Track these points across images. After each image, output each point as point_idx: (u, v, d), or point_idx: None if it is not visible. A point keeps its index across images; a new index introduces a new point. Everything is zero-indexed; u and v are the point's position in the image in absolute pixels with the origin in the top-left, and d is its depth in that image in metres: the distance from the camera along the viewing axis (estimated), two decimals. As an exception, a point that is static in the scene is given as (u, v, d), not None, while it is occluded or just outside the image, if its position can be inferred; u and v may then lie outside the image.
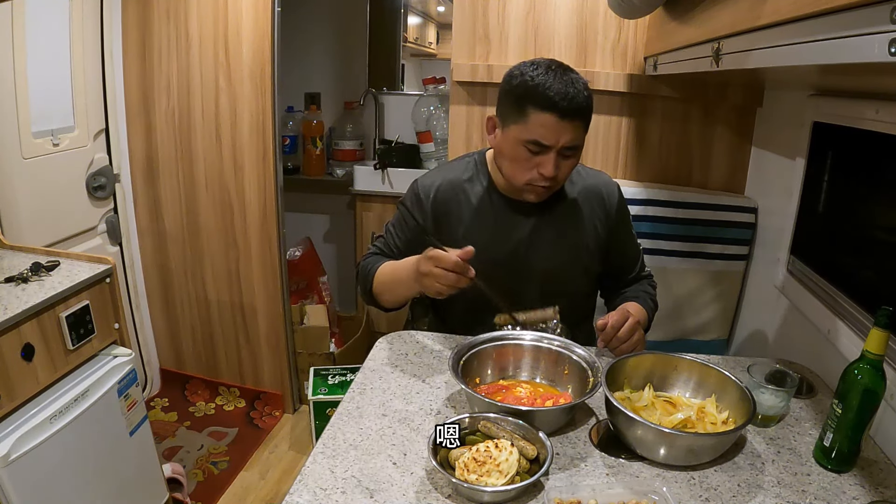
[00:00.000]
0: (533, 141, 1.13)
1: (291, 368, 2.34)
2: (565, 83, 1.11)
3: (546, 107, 1.10)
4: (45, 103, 1.79)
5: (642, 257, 1.45)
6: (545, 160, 1.14)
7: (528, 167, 1.17)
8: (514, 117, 1.15)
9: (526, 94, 1.12)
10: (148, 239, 2.30)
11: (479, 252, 1.24)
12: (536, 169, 1.16)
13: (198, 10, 2.01)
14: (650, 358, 1.06)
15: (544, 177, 1.16)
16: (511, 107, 1.15)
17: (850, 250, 1.32)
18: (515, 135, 1.15)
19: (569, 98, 1.10)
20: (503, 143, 1.20)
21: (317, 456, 0.88)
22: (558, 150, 1.14)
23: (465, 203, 1.29)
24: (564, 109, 1.10)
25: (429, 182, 1.31)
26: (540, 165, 1.15)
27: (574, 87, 1.11)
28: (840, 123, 1.24)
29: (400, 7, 2.86)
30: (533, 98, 1.11)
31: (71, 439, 1.29)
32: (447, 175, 1.32)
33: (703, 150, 1.90)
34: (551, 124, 1.11)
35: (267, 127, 2.05)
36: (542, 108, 1.11)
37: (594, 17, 1.83)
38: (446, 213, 1.29)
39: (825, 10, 0.65)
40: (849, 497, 0.84)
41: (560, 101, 1.09)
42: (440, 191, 1.29)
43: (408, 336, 1.28)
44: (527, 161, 1.16)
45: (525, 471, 0.82)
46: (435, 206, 1.29)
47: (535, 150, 1.14)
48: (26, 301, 1.24)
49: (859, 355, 0.86)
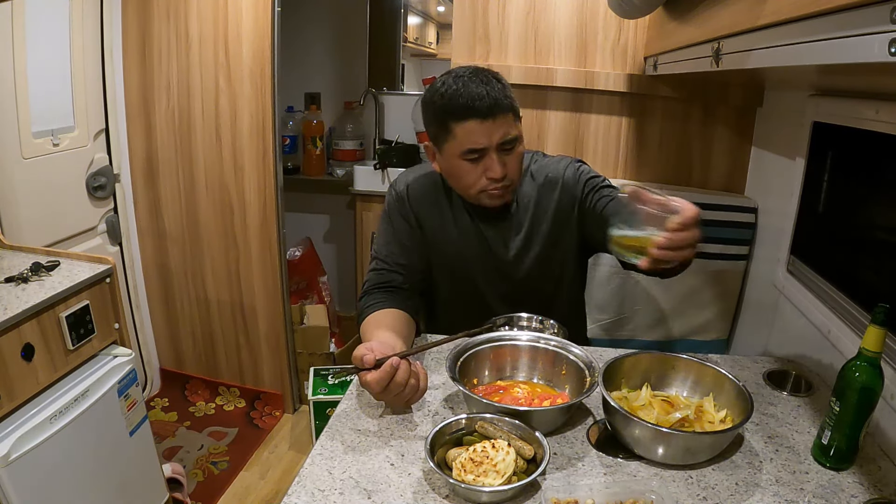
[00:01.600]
0: (467, 150, 1.14)
1: (291, 368, 2.34)
2: (475, 84, 1.12)
3: (464, 115, 1.12)
4: (45, 103, 1.80)
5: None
6: (489, 163, 1.16)
7: (476, 177, 1.18)
8: (443, 136, 1.17)
9: (443, 110, 1.14)
10: (148, 239, 2.30)
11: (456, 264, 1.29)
12: (484, 175, 1.17)
13: (198, 10, 2.01)
14: (648, 357, 1.06)
15: (494, 179, 1.17)
16: (437, 128, 1.17)
17: (850, 250, 1.32)
18: (451, 152, 1.17)
19: (481, 98, 1.11)
20: (445, 165, 1.22)
21: (315, 457, 0.88)
22: (496, 149, 1.15)
23: (439, 209, 1.30)
24: (481, 110, 1.11)
25: (401, 187, 1.32)
26: (487, 170, 1.16)
27: (485, 85, 1.12)
28: (840, 123, 1.23)
29: (400, 7, 2.86)
30: (450, 112, 1.13)
31: (71, 439, 1.29)
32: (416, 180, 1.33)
33: (703, 150, 1.90)
34: (476, 129, 1.12)
35: (267, 127, 2.06)
36: (461, 117, 1.12)
37: (594, 17, 1.83)
38: (424, 216, 1.30)
39: (825, 10, 0.65)
40: (847, 495, 0.84)
41: (474, 104, 1.11)
42: (412, 194, 1.30)
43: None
44: (472, 171, 1.17)
45: (522, 471, 0.82)
46: (412, 203, 1.30)
47: (475, 158, 1.15)
48: (26, 301, 1.24)
49: (857, 353, 0.86)
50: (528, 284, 1.30)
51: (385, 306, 1.20)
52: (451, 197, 1.30)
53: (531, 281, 1.30)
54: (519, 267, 1.29)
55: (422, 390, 0.99)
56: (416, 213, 1.30)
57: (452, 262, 1.30)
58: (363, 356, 0.93)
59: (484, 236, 1.29)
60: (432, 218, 1.30)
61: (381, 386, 0.92)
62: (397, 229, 1.30)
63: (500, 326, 1.25)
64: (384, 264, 1.28)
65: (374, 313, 1.19)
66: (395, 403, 0.99)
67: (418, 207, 1.30)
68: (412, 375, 0.96)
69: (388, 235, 1.31)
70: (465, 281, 1.31)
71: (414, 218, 1.30)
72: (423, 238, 1.30)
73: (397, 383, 0.93)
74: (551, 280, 1.33)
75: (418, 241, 1.30)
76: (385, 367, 0.92)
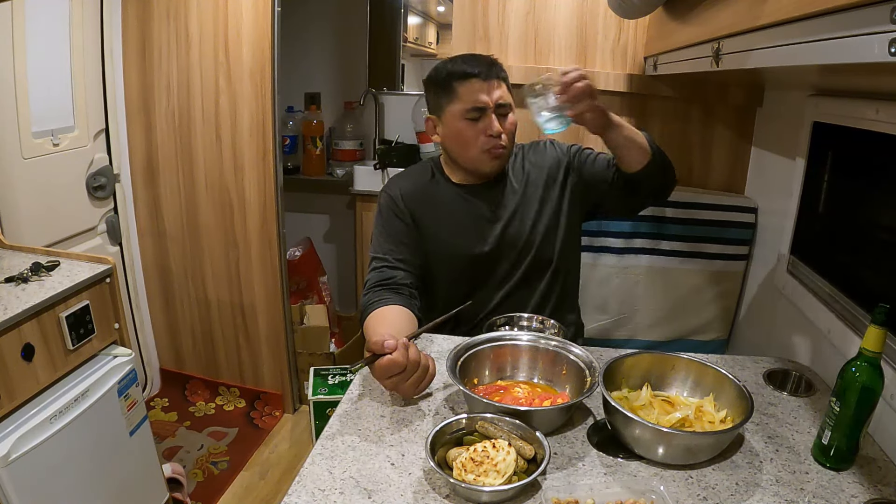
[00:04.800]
0: (471, 108, 1.27)
1: (291, 368, 2.34)
2: (474, 56, 1.30)
3: (467, 75, 1.26)
4: (45, 103, 1.79)
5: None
6: (488, 121, 1.27)
7: (476, 136, 1.28)
8: (446, 99, 1.29)
9: (448, 76, 1.28)
10: (148, 239, 2.30)
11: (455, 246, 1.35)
12: (484, 134, 1.28)
13: (198, 9, 2.01)
14: (648, 357, 1.06)
15: (495, 136, 1.28)
16: (440, 93, 1.30)
17: (850, 250, 1.32)
18: (454, 112, 1.29)
19: (480, 63, 1.27)
20: (447, 130, 1.32)
21: (315, 457, 0.88)
22: (495, 110, 1.27)
23: (432, 202, 1.36)
24: (483, 71, 1.26)
25: (394, 190, 1.37)
26: (487, 128, 1.27)
27: (482, 56, 1.30)
28: (840, 123, 1.24)
29: (400, 7, 2.86)
30: (454, 75, 1.28)
31: (71, 439, 1.29)
32: (406, 181, 1.41)
33: (703, 150, 1.90)
34: (478, 86, 1.26)
35: (267, 127, 2.05)
36: (464, 77, 1.26)
37: (594, 17, 1.83)
38: (420, 213, 1.35)
39: (825, 10, 0.65)
40: (847, 495, 0.84)
41: (476, 66, 1.27)
42: (405, 194, 1.36)
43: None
44: (473, 131, 1.28)
45: (522, 471, 0.82)
46: (407, 202, 1.35)
47: (476, 117, 1.27)
48: (26, 301, 1.24)
49: (857, 353, 0.86)
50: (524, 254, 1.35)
51: (388, 304, 1.21)
52: (439, 184, 1.39)
53: (527, 249, 1.35)
54: (513, 234, 1.35)
55: (431, 373, 1.01)
56: (411, 211, 1.35)
57: (450, 246, 1.35)
58: (384, 341, 0.95)
59: (479, 212, 1.36)
60: (426, 212, 1.35)
61: (401, 366, 0.95)
62: (393, 229, 1.34)
63: (501, 326, 1.26)
64: (384, 262, 1.30)
65: (377, 310, 1.20)
66: (408, 388, 0.99)
67: (412, 205, 1.35)
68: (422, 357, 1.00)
69: (384, 235, 1.34)
70: (462, 265, 1.36)
71: (409, 216, 1.35)
72: (420, 234, 1.35)
73: (413, 361, 0.97)
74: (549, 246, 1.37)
75: (415, 238, 1.34)
76: (399, 346, 0.95)
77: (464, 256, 1.35)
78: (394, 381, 0.97)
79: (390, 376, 0.96)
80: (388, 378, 0.96)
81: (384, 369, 0.95)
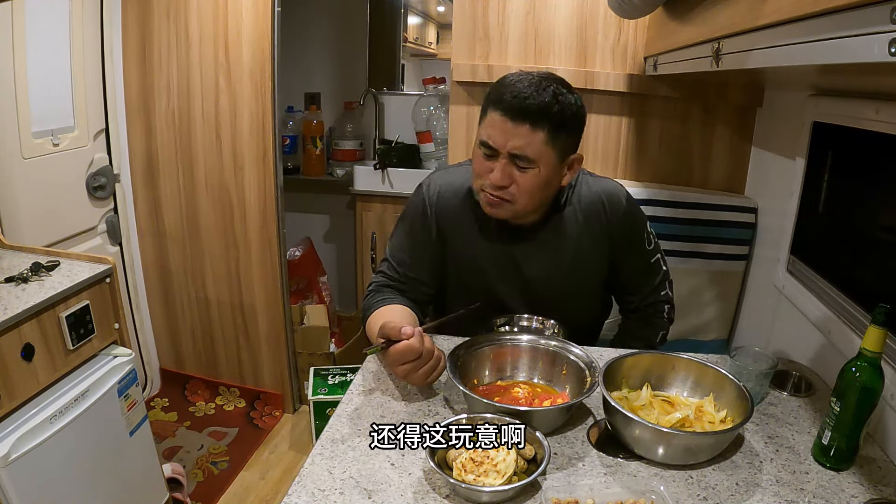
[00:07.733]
0: (483, 142, 1.08)
1: (291, 368, 2.34)
2: (528, 85, 1.03)
3: (496, 104, 1.05)
4: (45, 103, 1.79)
5: (659, 282, 1.32)
6: (494, 166, 1.08)
7: (480, 171, 1.11)
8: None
9: (490, 92, 1.09)
10: (148, 239, 2.30)
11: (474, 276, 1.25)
12: (487, 172, 1.09)
13: (198, 9, 2.01)
14: (648, 357, 1.06)
15: (492, 185, 1.09)
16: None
17: (850, 250, 1.32)
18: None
19: (521, 97, 1.02)
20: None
21: (315, 457, 0.88)
22: (509, 158, 1.07)
23: (467, 220, 1.23)
24: (512, 108, 1.03)
25: (431, 192, 1.25)
26: (489, 171, 1.09)
27: (536, 91, 1.03)
28: (840, 123, 1.23)
29: (400, 7, 2.86)
30: (492, 95, 1.07)
31: (71, 439, 1.29)
32: (448, 187, 1.25)
33: (703, 150, 1.90)
34: (499, 123, 1.05)
35: (267, 127, 2.05)
36: (494, 105, 1.06)
37: (594, 17, 1.83)
38: (449, 222, 1.24)
39: (825, 10, 0.65)
40: (847, 495, 0.84)
41: (510, 100, 1.03)
42: (440, 203, 1.23)
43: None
44: (480, 165, 1.11)
45: (522, 471, 0.82)
46: (438, 213, 1.24)
47: (488, 154, 1.09)
48: (26, 301, 1.24)
49: (857, 353, 0.86)
50: (545, 308, 1.26)
51: (393, 302, 1.21)
52: (477, 210, 1.20)
53: (547, 306, 1.26)
54: (540, 294, 1.25)
55: (442, 366, 1.01)
56: (440, 226, 1.23)
57: (474, 278, 1.25)
58: (402, 327, 0.95)
59: (510, 252, 1.22)
60: (456, 234, 1.23)
61: (417, 352, 0.95)
62: (416, 238, 1.25)
63: (500, 326, 1.26)
64: (395, 272, 1.25)
65: (381, 308, 1.19)
66: (420, 377, 0.99)
67: (443, 221, 1.23)
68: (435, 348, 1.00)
69: (404, 241, 1.26)
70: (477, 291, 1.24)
71: (436, 230, 1.24)
72: (443, 252, 1.25)
73: (428, 349, 0.97)
74: (579, 301, 1.29)
75: (436, 254, 1.25)
76: (416, 333, 0.95)
77: (481, 289, 1.24)
78: (406, 369, 0.97)
79: (404, 363, 0.95)
80: (401, 364, 0.95)
81: (400, 354, 0.95)
